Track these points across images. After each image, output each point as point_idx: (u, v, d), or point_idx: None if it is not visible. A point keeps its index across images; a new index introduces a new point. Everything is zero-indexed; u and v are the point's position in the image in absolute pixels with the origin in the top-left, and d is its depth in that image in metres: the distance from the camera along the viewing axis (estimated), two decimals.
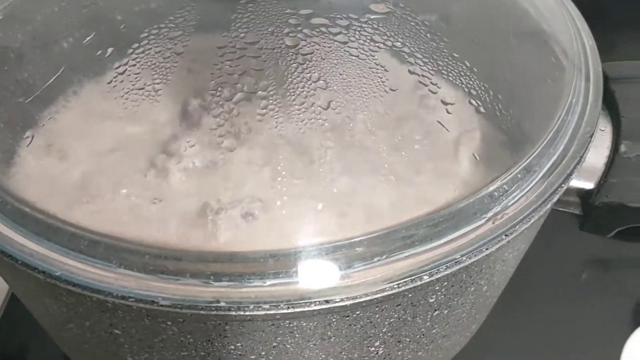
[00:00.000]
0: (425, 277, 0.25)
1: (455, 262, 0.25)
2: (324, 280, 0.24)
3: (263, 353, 0.27)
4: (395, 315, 0.27)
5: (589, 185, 0.32)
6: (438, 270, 0.25)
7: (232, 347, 0.27)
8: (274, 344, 0.26)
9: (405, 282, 0.25)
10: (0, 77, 0.31)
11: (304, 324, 0.26)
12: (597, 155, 0.33)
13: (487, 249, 0.26)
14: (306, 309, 0.24)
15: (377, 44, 0.28)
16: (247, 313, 0.24)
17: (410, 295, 0.26)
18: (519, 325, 0.47)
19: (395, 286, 0.25)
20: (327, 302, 0.24)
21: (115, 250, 0.25)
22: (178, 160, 0.28)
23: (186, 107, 0.29)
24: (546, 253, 0.50)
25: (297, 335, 0.26)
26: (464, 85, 0.28)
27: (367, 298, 0.24)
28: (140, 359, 0.29)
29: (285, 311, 0.24)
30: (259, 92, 0.27)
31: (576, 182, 0.32)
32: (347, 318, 0.26)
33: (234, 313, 0.24)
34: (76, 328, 0.29)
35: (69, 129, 0.30)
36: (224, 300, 0.24)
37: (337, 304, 0.24)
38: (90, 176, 0.28)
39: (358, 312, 0.26)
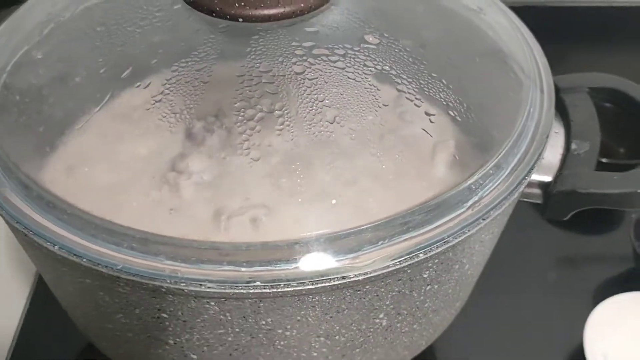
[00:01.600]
0: (420, 255, 0.31)
1: (444, 242, 0.31)
2: (341, 260, 0.30)
3: (289, 326, 0.32)
4: (397, 289, 0.33)
5: (548, 178, 0.38)
6: (431, 249, 0.31)
7: (263, 322, 0.32)
8: (298, 317, 0.32)
9: (405, 259, 0.30)
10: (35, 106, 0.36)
11: (324, 298, 0.31)
12: (554, 153, 0.39)
13: (468, 230, 0.32)
14: (327, 284, 0.30)
15: (369, 68, 0.34)
16: (279, 290, 0.30)
17: (409, 271, 0.32)
18: (493, 311, 0.53)
19: (397, 263, 0.30)
20: (343, 278, 0.30)
21: (162, 244, 0.30)
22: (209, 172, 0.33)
23: (191, 130, 0.34)
24: (518, 249, 0.57)
25: (317, 309, 0.32)
26: (442, 99, 0.35)
27: (375, 273, 0.30)
28: (181, 340, 0.34)
29: (310, 287, 0.30)
30: (276, 111, 0.33)
31: (537, 177, 0.38)
32: (359, 292, 0.32)
33: (268, 290, 0.30)
34: (124, 317, 0.34)
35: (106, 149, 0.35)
36: (259, 280, 0.29)
37: (351, 279, 0.30)
38: (115, 188, 0.33)
39: (367, 287, 0.31)
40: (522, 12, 0.44)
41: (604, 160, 0.60)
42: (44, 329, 0.51)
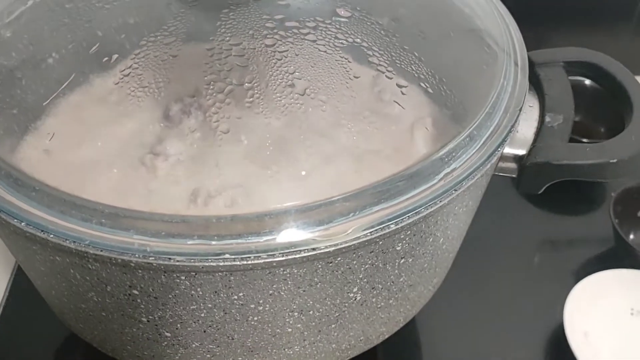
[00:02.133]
0: (392, 226, 0.31)
1: (415, 213, 0.31)
2: (311, 232, 0.30)
3: (261, 301, 0.32)
4: (369, 262, 0.33)
5: (522, 151, 0.38)
6: (402, 219, 0.31)
7: (235, 297, 0.32)
8: (271, 291, 0.32)
9: (376, 230, 0.30)
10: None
11: (295, 270, 0.31)
12: (528, 127, 0.39)
13: (440, 201, 0.32)
14: (297, 255, 0.29)
15: (340, 41, 0.34)
16: (249, 262, 0.29)
17: (380, 242, 0.32)
18: (474, 291, 0.53)
19: (368, 234, 0.30)
20: (314, 249, 0.30)
21: (132, 219, 0.30)
22: (183, 143, 0.33)
23: (168, 111, 0.34)
24: (498, 231, 0.57)
25: (289, 282, 0.31)
26: (414, 72, 0.34)
27: (346, 245, 0.30)
28: (154, 317, 0.34)
29: (281, 259, 0.29)
30: (246, 83, 0.32)
31: (512, 150, 0.38)
32: (330, 264, 0.31)
33: (238, 263, 0.29)
34: (96, 296, 0.34)
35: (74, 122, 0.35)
36: (229, 252, 0.29)
37: (322, 251, 0.30)
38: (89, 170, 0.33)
39: (339, 259, 0.31)
40: None
41: (584, 140, 0.61)
42: (23, 320, 0.51)
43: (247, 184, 0.32)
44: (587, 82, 0.63)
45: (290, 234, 0.30)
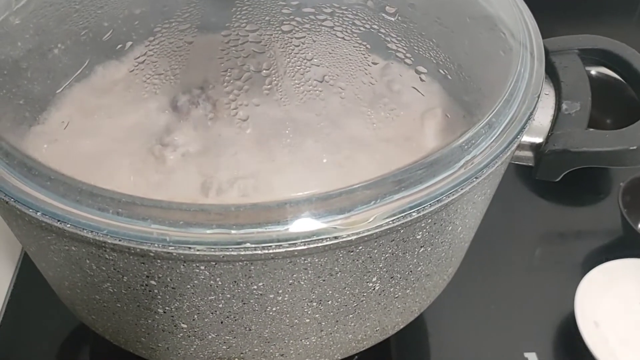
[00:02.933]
0: (413, 214, 0.30)
1: (437, 201, 0.31)
2: (333, 220, 0.29)
3: (281, 291, 0.32)
4: (390, 251, 0.32)
5: (539, 139, 0.38)
6: (424, 207, 0.30)
7: (255, 287, 0.31)
8: (290, 281, 0.31)
9: (398, 218, 0.30)
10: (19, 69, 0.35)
11: (317, 260, 0.30)
12: (544, 114, 0.39)
13: (461, 189, 0.31)
14: (319, 244, 0.29)
15: (358, 27, 0.34)
16: (271, 251, 0.29)
17: (402, 230, 0.31)
18: (484, 283, 0.53)
19: (390, 222, 0.30)
20: (335, 237, 0.29)
21: (150, 207, 0.30)
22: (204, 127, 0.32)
23: (176, 103, 0.33)
24: (506, 222, 0.57)
25: (310, 272, 0.31)
26: (432, 58, 0.34)
27: (368, 233, 0.30)
28: (171, 308, 0.33)
29: (302, 247, 0.29)
30: (264, 70, 0.32)
31: (529, 138, 0.38)
32: (352, 253, 0.31)
33: (259, 252, 0.29)
34: (112, 286, 0.34)
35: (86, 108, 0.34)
36: (250, 241, 0.29)
37: (344, 239, 0.29)
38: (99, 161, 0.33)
39: (360, 247, 0.31)
40: None
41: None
42: (29, 313, 0.50)
43: (263, 172, 0.32)
44: (593, 72, 0.63)
45: (312, 223, 0.29)
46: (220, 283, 0.31)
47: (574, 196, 0.62)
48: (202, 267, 0.30)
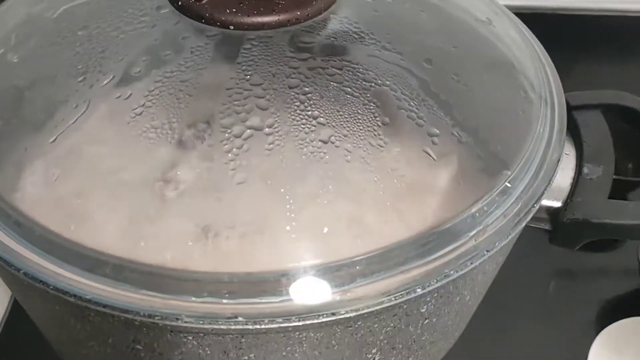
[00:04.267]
0: (418, 290, 0.28)
1: (444, 276, 0.29)
2: (331, 295, 0.27)
3: None
4: (392, 324, 0.30)
5: (557, 204, 0.36)
6: (429, 283, 0.28)
7: (246, 357, 0.30)
8: (284, 353, 0.29)
9: (401, 294, 0.28)
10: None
11: (312, 334, 0.29)
12: (564, 176, 0.37)
13: (471, 263, 0.29)
14: (315, 321, 0.27)
15: (369, 83, 0.32)
16: (263, 327, 0.27)
17: (405, 306, 0.29)
18: (490, 335, 0.50)
19: (393, 298, 0.28)
20: (333, 314, 0.27)
21: (138, 273, 0.28)
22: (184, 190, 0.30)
23: (181, 138, 0.31)
24: (515, 263, 0.54)
25: (305, 345, 0.29)
26: (446, 119, 0.32)
27: (369, 310, 0.28)
28: None
29: (297, 324, 0.27)
30: (266, 128, 0.30)
31: (546, 202, 0.35)
32: (350, 328, 0.29)
33: (250, 327, 0.27)
34: (97, 345, 0.32)
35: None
36: (242, 316, 0.27)
37: (342, 316, 0.27)
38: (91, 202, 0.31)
39: (360, 323, 0.29)
40: (528, 20, 0.42)
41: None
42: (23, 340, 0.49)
43: (258, 229, 0.30)
44: None
45: (308, 297, 0.27)
46: (209, 352, 0.29)
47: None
48: (190, 337, 0.28)
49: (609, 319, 0.49)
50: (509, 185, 0.32)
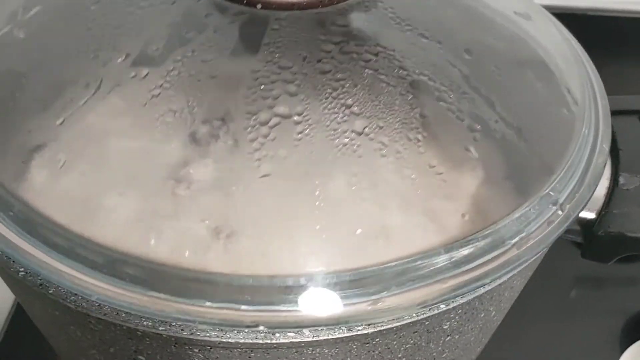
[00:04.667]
0: (441, 306, 0.26)
1: (482, 286, 0.26)
2: (348, 307, 0.25)
3: None
4: (412, 342, 0.28)
5: (591, 215, 0.33)
6: (454, 300, 0.26)
7: None
8: None
9: (423, 311, 0.25)
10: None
11: (326, 350, 0.26)
12: (599, 186, 0.34)
13: (511, 272, 0.27)
14: (330, 336, 0.25)
15: (406, 72, 0.29)
16: (274, 341, 0.24)
17: (427, 322, 0.27)
18: (513, 345, 0.48)
19: (414, 315, 0.25)
20: (349, 329, 0.25)
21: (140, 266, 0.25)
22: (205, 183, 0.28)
23: (201, 124, 0.29)
24: (538, 272, 0.52)
25: None
26: (487, 115, 0.30)
27: (388, 326, 0.25)
28: None
29: (310, 339, 0.24)
30: (295, 116, 0.27)
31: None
32: (367, 345, 0.26)
33: (260, 341, 0.24)
34: (98, 354, 0.29)
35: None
36: (263, 324, 0.24)
37: (359, 332, 0.25)
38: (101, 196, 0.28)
39: (378, 339, 0.26)
40: (557, 19, 0.39)
41: None
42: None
43: (277, 230, 0.27)
44: None
45: (322, 312, 0.25)
46: None
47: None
48: (196, 350, 0.26)
49: (634, 335, 0.47)
50: (551, 193, 0.29)
